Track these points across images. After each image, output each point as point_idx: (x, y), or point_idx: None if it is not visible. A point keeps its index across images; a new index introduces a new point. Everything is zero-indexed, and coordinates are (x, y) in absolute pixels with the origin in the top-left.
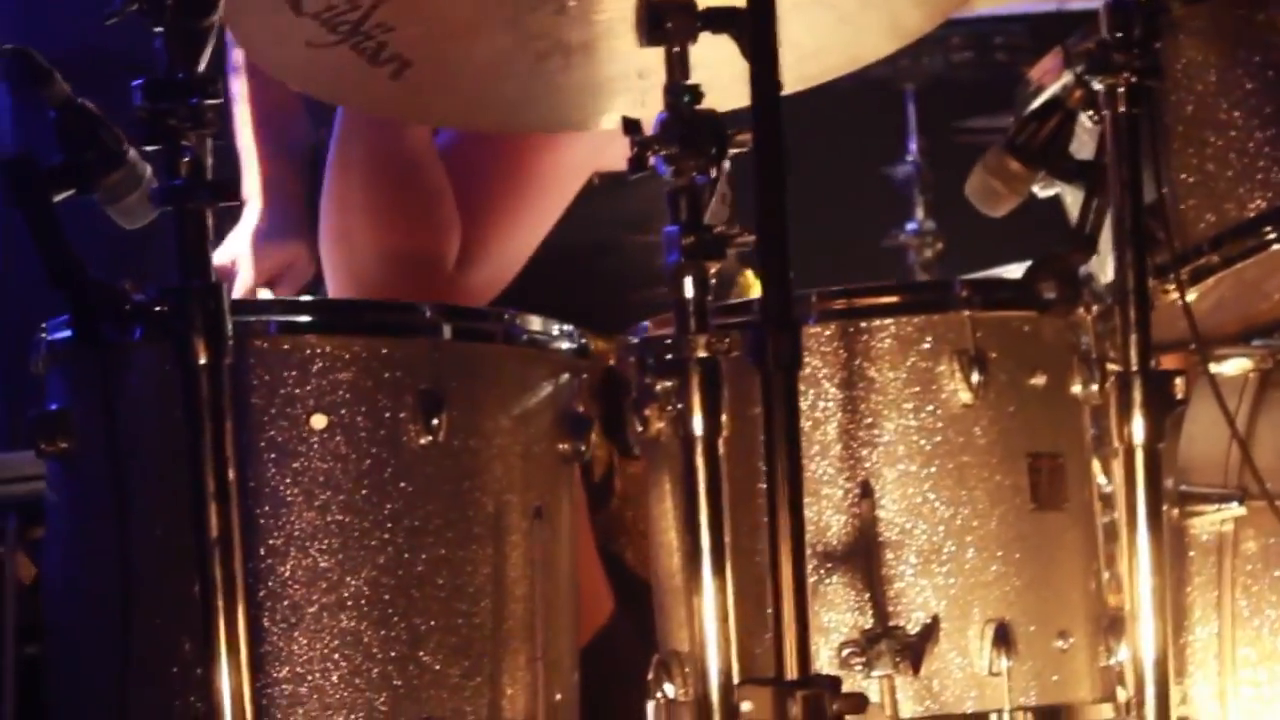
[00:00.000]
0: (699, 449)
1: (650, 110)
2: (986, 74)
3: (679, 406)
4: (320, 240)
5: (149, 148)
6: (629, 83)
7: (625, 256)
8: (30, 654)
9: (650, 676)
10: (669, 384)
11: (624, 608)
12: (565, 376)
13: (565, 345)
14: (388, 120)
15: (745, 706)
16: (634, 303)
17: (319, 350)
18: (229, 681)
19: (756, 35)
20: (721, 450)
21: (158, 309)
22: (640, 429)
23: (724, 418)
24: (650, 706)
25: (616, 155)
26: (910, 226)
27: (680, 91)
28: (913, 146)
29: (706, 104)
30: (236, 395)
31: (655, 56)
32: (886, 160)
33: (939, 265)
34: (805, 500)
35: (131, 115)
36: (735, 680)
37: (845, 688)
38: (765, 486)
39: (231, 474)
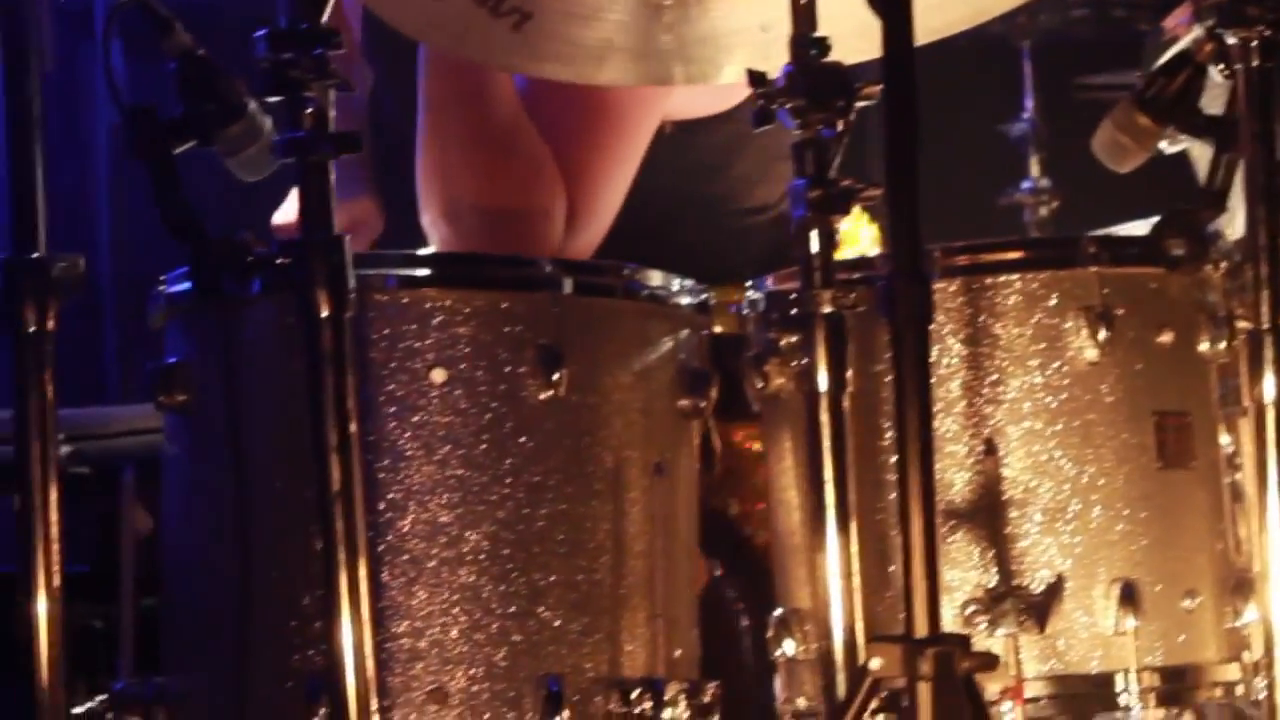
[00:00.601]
0: (824, 405)
1: (772, 64)
2: (1104, 30)
3: (803, 362)
4: (424, 209)
5: (271, 99)
6: (750, 35)
7: (694, 206)
8: (147, 606)
9: (770, 634)
10: (793, 339)
11: (728, 565)
12: (685, 332)
13: (686, 300)
14: (479, 83)
15: (875, 664)
16: (701, 252)
17: (439, 304)
18: (350, 635)
19: None
20: (846, 406)
21: (280, 262)
22: (760, 385)
23: (849, 373)
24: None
25: (684, 101)
26: (1026, 184)
27: (807, 44)
28: (1029, 104)
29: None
30: (357, 349)
31: (778, 9)
32: (1002, 118)
33: (1054, 223)
34: None
35: (243, 69)
36: (859, 638)
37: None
38: (886, 443)
39: (353, 427)
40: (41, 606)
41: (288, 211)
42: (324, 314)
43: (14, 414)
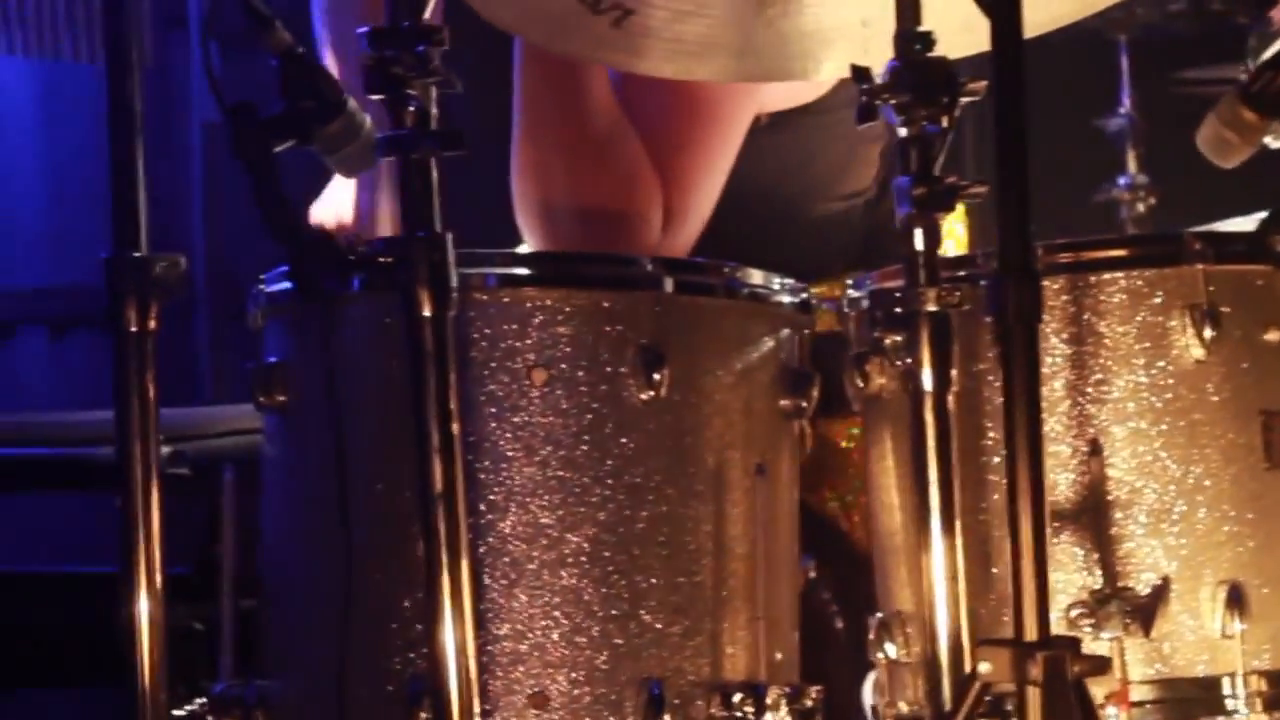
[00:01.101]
0: (928, 404)
1: (872, 59)
2: (1202, 25)
3: (908, 361)
4: (519, 209)
5: (373, 97)
6: (850, 31)
7: (784, 200)
8: (247, 608)
9: (871, 636)
10: (898, 338)
11: (823, 564)
12: (786, 331)
13: (787, 299)
14: (576, 85)
15: (984, 667)
16: (791, 246)
17: (539, 303)
18: (452, 638)
19: None
20: (950, 406)
21: (382, 260)
22: (861, 384)
23: (954, 373)
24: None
25: (777, 93)
26: (1122, 180)
27: (912, 39)
28: (1125, 99)
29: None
30: (458, 348)
31: (879, 4)
32: (1099, 113)
33: (1151, 220)
34: None
35: None
36: (965, 641)
37: None
38: (989, 442)
39: (455, 428)
40: (143, 607)
41: (326, 203)
42: (426, 313)
43: (116, 415)
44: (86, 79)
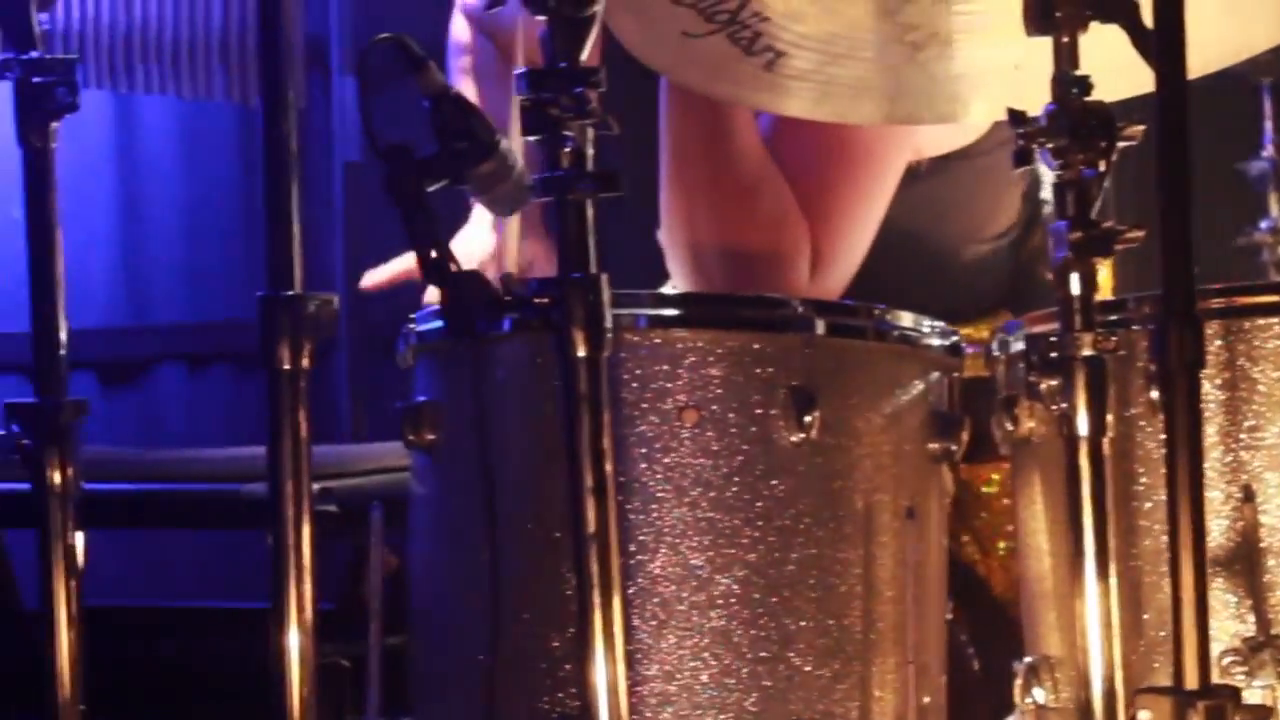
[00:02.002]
0: (1083, 450)
1: (1024, 101)
2: None
3: (1063, 406)
4: (668, 252)
5: (530, 138)
6: (1003, 74)
7: (935, 244)
8: (391, 645)
9: (1019, 681)
10: (1053, 383)
11: (960, 607)
12: (936, 374)
13: (937, 342)
14: (724, 128)
15: (1143, 715)
16: (940, 289)
17: (691, 345)
18: (604, 678)
19: (1163, 26)
20: (1105, 451)
21: (536, 301)
22: (1010, 428)
23: (1109, 419)
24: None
25: (932, 137)
26: (1265, 224)
27: (1069, 82)
28: (1268, 142)
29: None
30: (609, 389)
31: (1034, 46)
32: (1241, 156)
33: None
34: None
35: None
36: (1118, 688)
37: None
38: (1140, 488)
39: (609, 468)
40: (293, 643)
41: (466, 239)
42: (581, 354)
43: (269, 452)
44: (225, 118)
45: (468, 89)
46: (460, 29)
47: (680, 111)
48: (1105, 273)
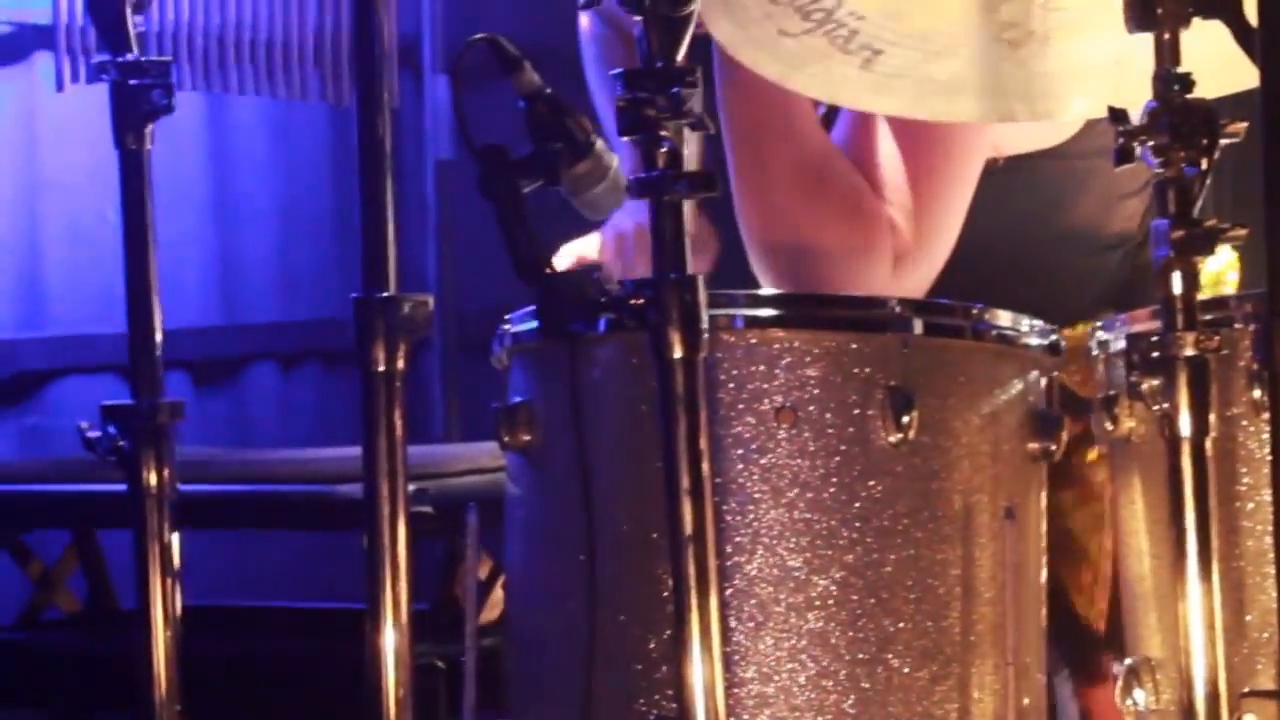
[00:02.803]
0: (1185, 451)
1: (1122, 99)
2: None
3: (1165, 406)
4: (747, 248)
5: (626, 138)
6: (1102, 70)
7: (1033, 246)
8: (487, 646)
9: (1119, 684)
10: (1155, 383)
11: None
12: (1034, 374)
13: (1035, 341)
14: (785, 120)
15: (1249, 718)
16: (1046, 294)
17: (787, 345)
18: (701, 680)
19: (1268, 21)
20: (1208, 452)
21: (632, 301)
22: (1110, 427)
23: (1212, 418)
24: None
25: (1013, 134)
26: None
27: (1170, 79)
28: None
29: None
30: (706, 390)
31: (1133, 42)
32: None
33: None
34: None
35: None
36: (1222, 690)
37: None
38: (1243, 488)
39: (705, 470)
40: (389, 643)
41: (580, 247)
42: (677, 355)
43: (364, 454)
44: (318, 118)
45: (593, 78)
46: (585, 19)
47: (739, 102)
48: (1235, 274)
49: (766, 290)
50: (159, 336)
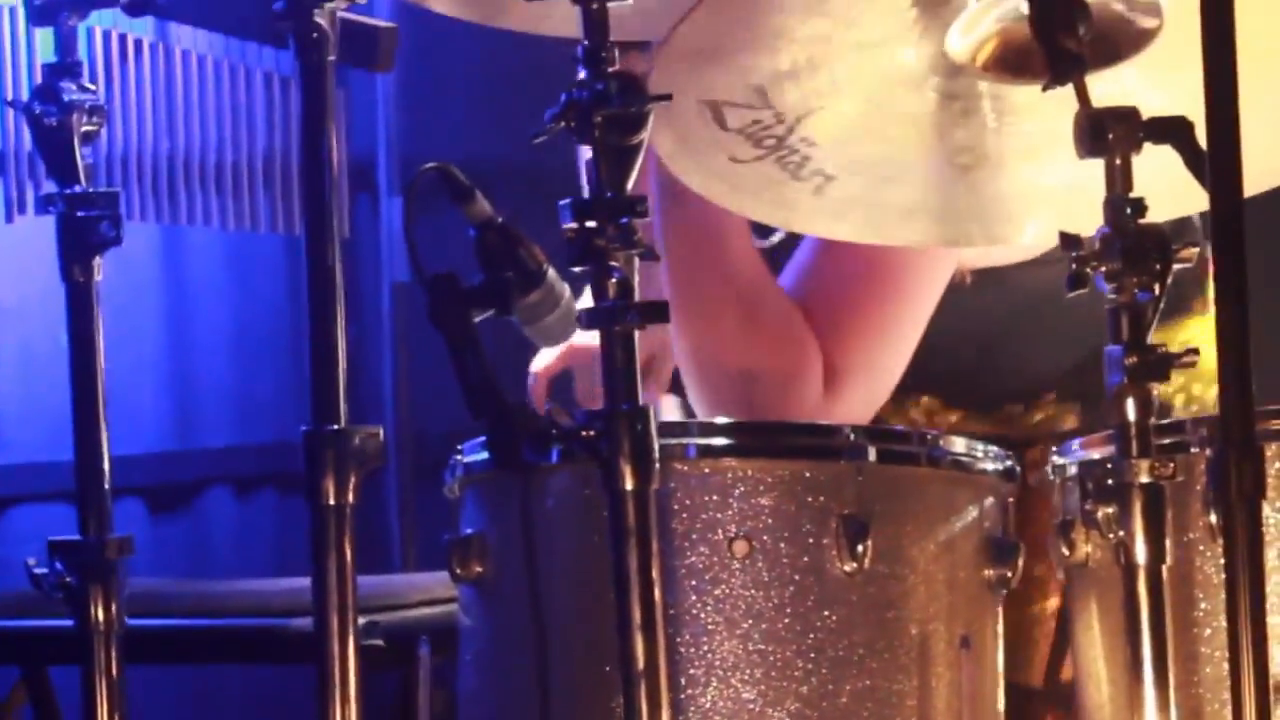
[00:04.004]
0: (1141, 578)
1: (1075, 223)
2: None
3: (1120, 534)
4: (679, 363)
5: (576, 268)
6: (1055, 194)
7: (995, 355)
8: None
9: None
10: (1109, 510)
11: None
12: (990, 500)
13: (991, 467)
14: (719, 244)
15: None
16: (1006, 400)
17: (741, 474)
18: None
19: (1217, 146)
20: (1164, 578)
21: (584, 433)
22: (1066, 553)
23: (1168, 544)
24: None
25: (978, 250)
26: None
27: (1122, 205)
28: None
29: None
30: (658, 520)
31: (1086, 167)
32: None
33: None
34: None
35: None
36: None
37: None
38: (1200, 614)
39: (657, 602)
40: None
41: (544, 359)
42: (629, 487)
43: (313, 587)
44: (273, 241)
45: None
46: None
47: (678, 228)
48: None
49: (719, 419)
50: (107, 468)
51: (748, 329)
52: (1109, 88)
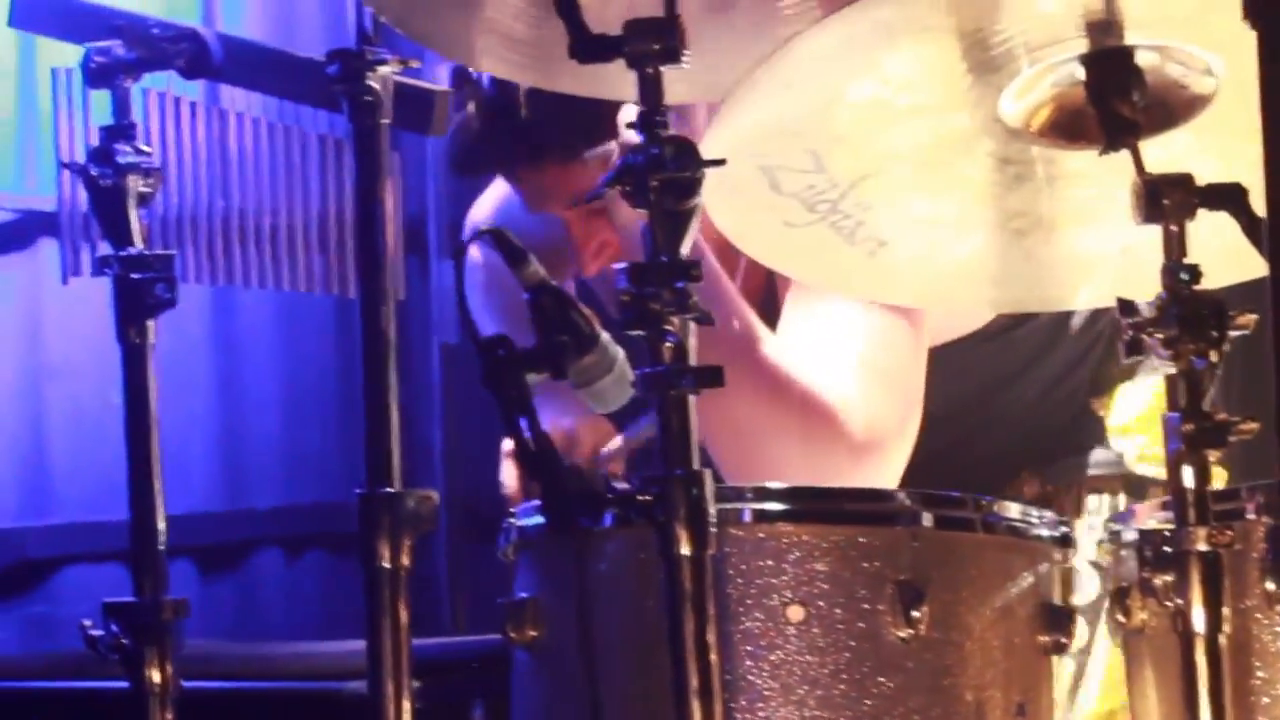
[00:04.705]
0: (1199, 646)
1: (1131, 287)
2: None
3: (1178, 601)
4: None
5: (631, 332)
6: (1109, 260)
7: (986, 419)
8: None
9: None
10: (1168, 577)
11: None
12: (1045, 565)
13: (1045, 533)
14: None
15: None
16: (998, 463)
17: (796, 539)
18: None
19: (1275, 212)
20: (1222, 646)
21: (640, 497)
22: (1123, 619)
23: (1225, 612)
24: None
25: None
26: None
27: (1178, 271)
28: None
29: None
30: (714, 584)
31: (1142, 233)
32: None
33: None
34: None
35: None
36: None
37: None
38: (1258, 682)
39: (714, 667)
40: None
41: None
42: (685, 551)
43: (368, 651)
44: (324, 301)
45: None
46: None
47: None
48: None
49: (774, 484)
50: (162, 527)
51: (774, 408)
52: (1160, 152)
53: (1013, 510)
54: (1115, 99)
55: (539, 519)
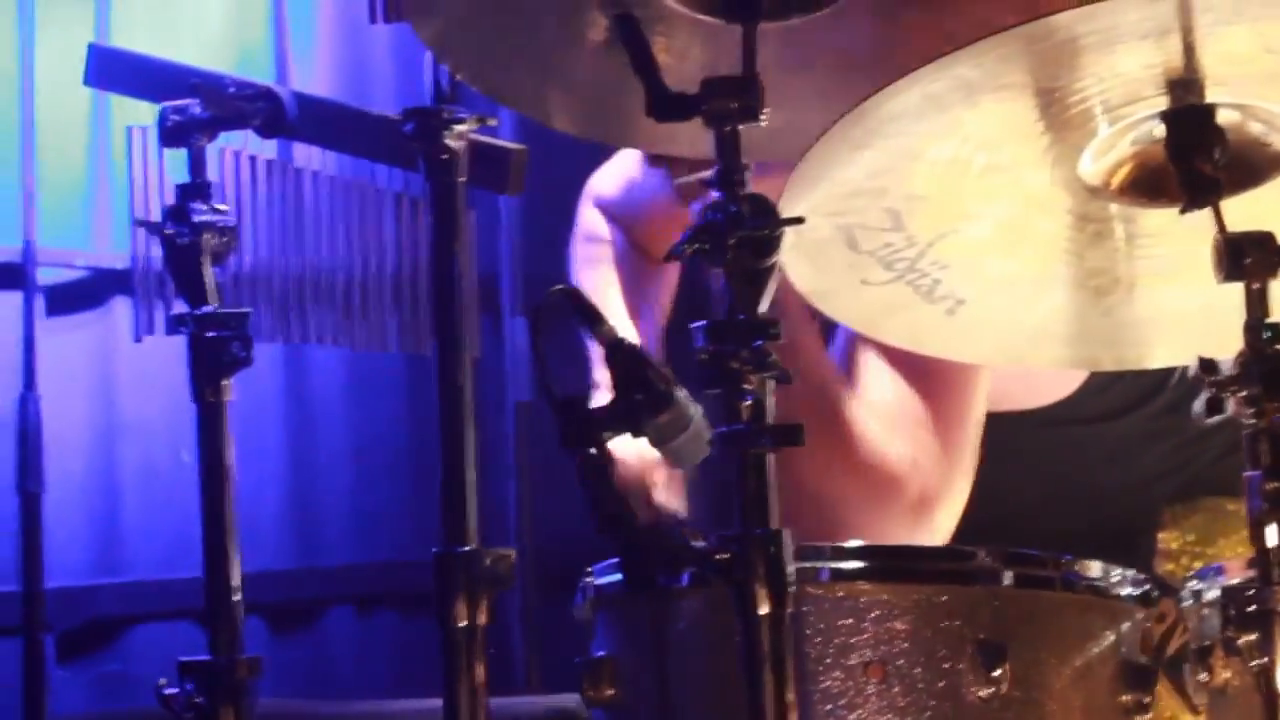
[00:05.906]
0: None
1: (1207, 348)
2: None
3: (1262, 661)
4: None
5: (710, 391)
6: (1187, 319)
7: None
8: None
9: None
10: (1251, 636)
11: None
12: (1126, 625)
13: (1126, 591)
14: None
15: None
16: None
17: (875, 598)
18: None
19: None
20: None
21: (717, 556)
22: (1206, 678)
23: None
24: None
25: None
26: None
27: (1261, 329)
28: None
29: None
30: (793, 644)
31: (1222, 292)
32: None
33: None
34: None
35: None
36: None
37: None
38: None
39: None
40: None
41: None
42: (763, 611)
43: (445, 710)
44: (394, 360)
45: (598, 277)
46: (593, 220)
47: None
48: None
49: (853, 543)
50: (236, 590)
51: (832, 465)
52: (1240, 211)
53: (1094, 569)
54: (1196, 157)
55: (616, 577)
